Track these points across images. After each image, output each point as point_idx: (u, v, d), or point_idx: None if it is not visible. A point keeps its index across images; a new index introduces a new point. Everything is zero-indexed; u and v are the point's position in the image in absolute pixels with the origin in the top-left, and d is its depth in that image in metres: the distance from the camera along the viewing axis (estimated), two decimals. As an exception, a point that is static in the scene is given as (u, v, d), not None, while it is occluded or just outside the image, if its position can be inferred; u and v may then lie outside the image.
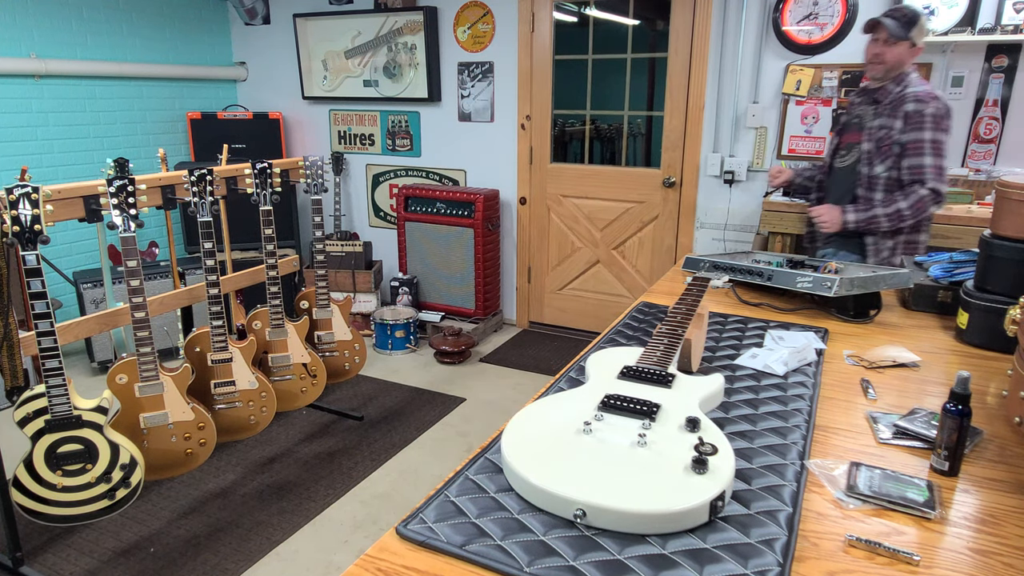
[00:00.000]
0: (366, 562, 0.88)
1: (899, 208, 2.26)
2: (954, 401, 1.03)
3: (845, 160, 2.43)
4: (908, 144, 2.24)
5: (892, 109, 2.27)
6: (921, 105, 2.22)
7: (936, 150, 2.23)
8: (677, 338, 1.34)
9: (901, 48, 2.23)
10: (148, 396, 2.31)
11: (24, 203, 1.97)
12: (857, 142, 2.38)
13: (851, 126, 2.43)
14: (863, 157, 2.35)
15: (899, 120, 2.25)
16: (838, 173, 2.47)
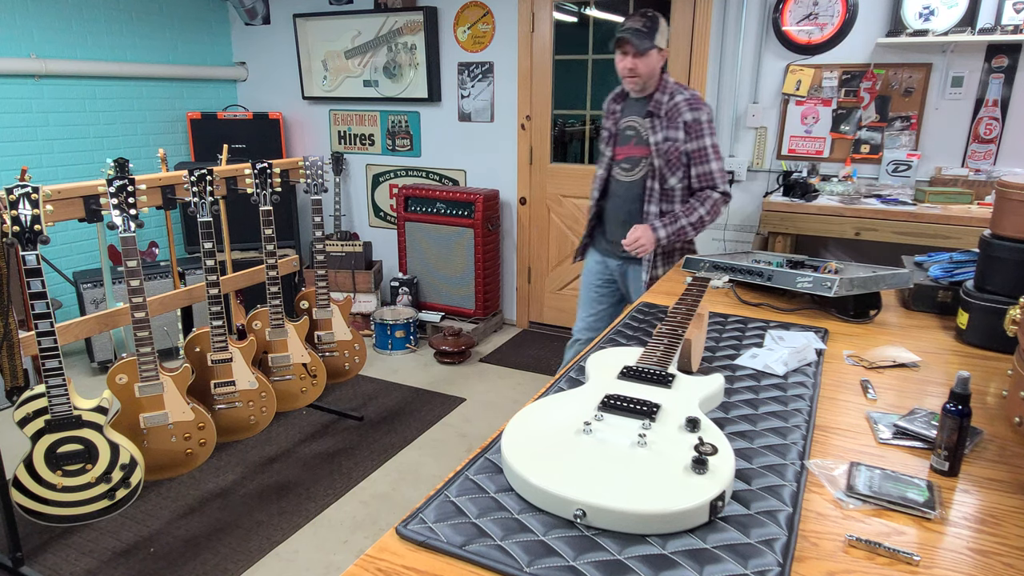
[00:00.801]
0: (366, 562, 0.88)
1: (700, 216, 2.30)
2: (954, 401, 1.03)
3: (631, 174, 2.38)
4: (694, 152, 2.28)
5: (670, 120, 2.27)
6: (697, 113, 2.25)
7: (717, 154, 2.29)
8: (677, 338, 1.34)
9: (651, 57, 2.22)
10: (148, 396, 2.31)
11: (24, 203, 1.97)
12: (643, 156, 2.34)
13: (626, 138, 2.38)
14: (655, 173, 2.32)
15: (680, 131, 2.26)
16: (621, 187, 2.42)
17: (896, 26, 3.10)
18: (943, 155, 3.21)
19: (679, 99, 2.26)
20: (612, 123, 2.43)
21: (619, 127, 2.39)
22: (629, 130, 2.36)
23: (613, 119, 2.43)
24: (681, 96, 2.26)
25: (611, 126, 2.43)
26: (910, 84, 3.19)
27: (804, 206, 2.98)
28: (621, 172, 2.40)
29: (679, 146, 2.26)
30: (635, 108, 2.36)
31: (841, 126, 3.35)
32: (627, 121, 2.37)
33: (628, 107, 2.39)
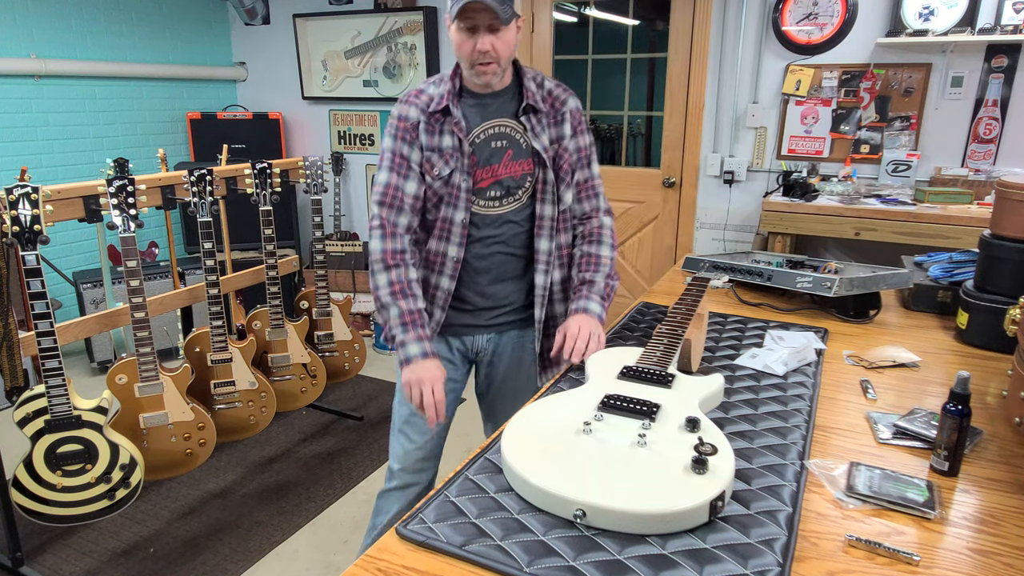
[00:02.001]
0: (366, 562, 0.88)
1: (611, 257, 1.68)
2: (954, 401, 1.03)
3: (507, 204, 1.60)
4: (579, 152, 1.62)
5: (554, 112, 1.58)
6: (575, 98, 1.62)
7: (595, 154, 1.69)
8: (677, 338, 1.34)
9: (512, 31, 1.47)
10: (148, 396, 2.31)
11: (24, 203, 1.97)
12: (528, 172, 1.58)
13: (494, 153, 1.55)
14: (547, 191, 1.59)
15: (566, 124, 1.59)
16: (491, 226, 1.61)
17: (896, 26, 3.10)
18: (943, 155, 3.21)
19: (549, 83, 1.60)
20: (454, 140, 1.52)
21: (474, 141, 1.54)
22: (497, 140, 1.55)
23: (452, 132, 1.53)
24: (546, 79, 1.61)
25: (450, 145, 1.53)
26: (910, 84, 3.19)
27: (804, 206, 2.98)
28: (489, 204, 1.58)
29: (568, 145, 1.59)
30: (492, 109, 1.55)
31: (841, 126, 3.35)
32: (487, 129, 1.55)
33: (473, 110, 1.55)
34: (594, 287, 1.64)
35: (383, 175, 1.54)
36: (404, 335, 1.49)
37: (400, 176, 1.53)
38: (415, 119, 1.52)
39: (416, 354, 1.48)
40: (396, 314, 1.50)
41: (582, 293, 1.63)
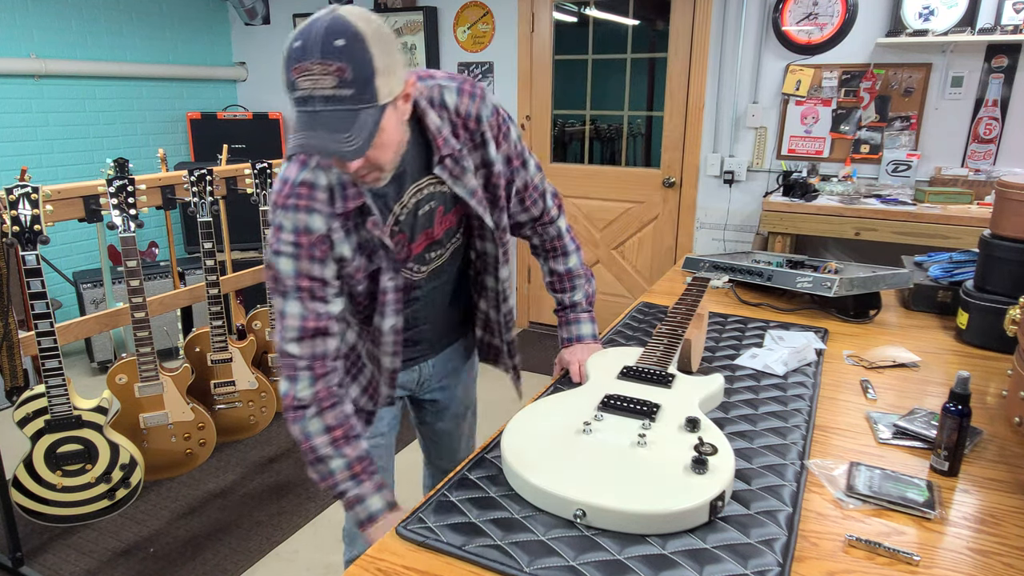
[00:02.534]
0: (366, 562, 0.88)
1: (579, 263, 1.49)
2: (954, 401, 1.03)
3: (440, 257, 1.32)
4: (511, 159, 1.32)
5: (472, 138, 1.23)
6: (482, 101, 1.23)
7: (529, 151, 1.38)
8: (677, 338, 1.34)
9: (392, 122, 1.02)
10: (148, 396, 2.31)
11: (24, 203, 1.97)
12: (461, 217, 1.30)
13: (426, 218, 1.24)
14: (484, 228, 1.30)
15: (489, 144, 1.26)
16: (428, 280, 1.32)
17: (896, 26, 3.10)
18: (943, 155, 3.21)
19: (451, 98, 1.19)
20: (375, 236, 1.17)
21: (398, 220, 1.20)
22: (424, 204, 1.22)
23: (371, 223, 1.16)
24: (446, 93, 1.19)
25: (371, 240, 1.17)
26: (910, 84, 3.19)
27: (804, 206, 2.98)
28: (422, 269, 1.30)
29: (498, 165, 1.27)
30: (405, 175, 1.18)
31: (841, 126, 3.35)
32: (407, 202, 1.20)
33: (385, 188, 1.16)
34: (577, 308, 1.47)
35: (291, 306, 1.13)
36: (359, 488, 1.15)
37: (316, 301, 1.14)
38: (321, 229, 1.12)
39: (379, 509, 1.15)
40: (342, 465, 1.15)
41: (568, 317, 1.47)
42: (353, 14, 0.95)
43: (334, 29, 0.92)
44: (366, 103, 0.95)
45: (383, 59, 0.95)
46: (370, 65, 0.94)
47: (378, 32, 0.96)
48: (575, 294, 1.47)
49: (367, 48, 0.93)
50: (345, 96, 0.93)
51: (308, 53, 0.92)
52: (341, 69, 0.92)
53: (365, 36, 0.93)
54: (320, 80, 0.92)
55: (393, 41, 0.99)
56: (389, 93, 0.98)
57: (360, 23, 0.94)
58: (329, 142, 0.94)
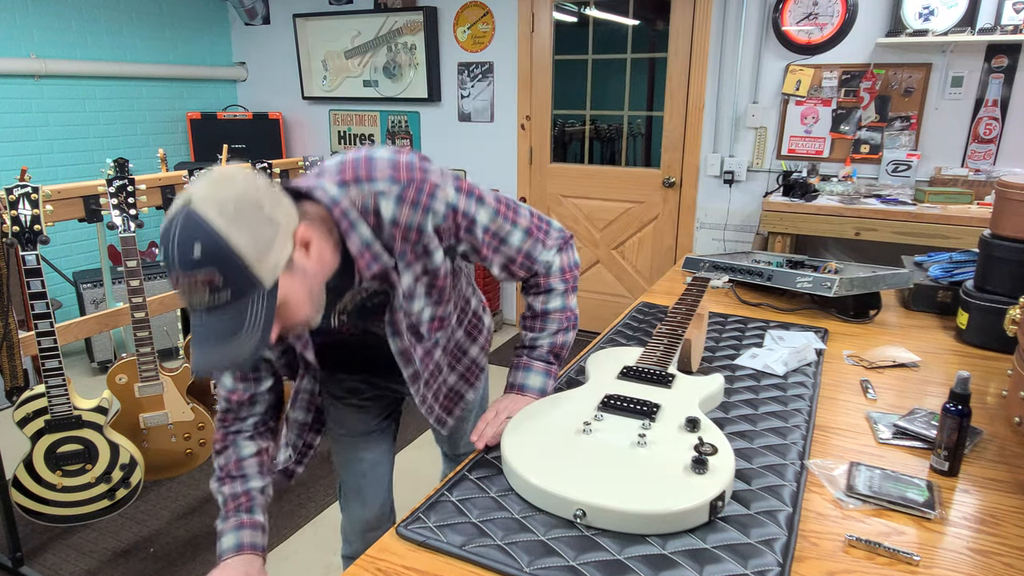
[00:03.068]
0: (366, 562, 0.88)
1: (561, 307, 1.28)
2: (954, 401, 1.03)
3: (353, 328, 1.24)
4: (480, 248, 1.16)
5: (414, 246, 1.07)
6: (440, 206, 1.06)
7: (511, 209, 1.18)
8: (677, 338, 1.34)
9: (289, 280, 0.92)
10: (148, 396, 2.31)
11: (24, 203, 1.97)
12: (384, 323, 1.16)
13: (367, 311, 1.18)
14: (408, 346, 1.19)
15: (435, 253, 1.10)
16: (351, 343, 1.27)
17: (896, 26, 3.10)
18: (943, 155, 3.21)
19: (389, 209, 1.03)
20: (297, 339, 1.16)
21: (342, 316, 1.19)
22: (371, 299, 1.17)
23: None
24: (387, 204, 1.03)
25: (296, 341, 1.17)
26: (910, 84, 3.19)
27: (804, 206, 2.98)
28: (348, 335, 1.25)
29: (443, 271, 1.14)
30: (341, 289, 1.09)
31: (841, 126, 3.35)
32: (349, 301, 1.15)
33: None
34: (535, 351, 1.27)
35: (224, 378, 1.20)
36: (221, 523, 1.21)
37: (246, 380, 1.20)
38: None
39: (228, 548, 1.17)
40: (220, 501, 1.22)
41: (521, 361, 1.28)
42: (207, 201, 0.85)
43: (188, 234, 0.84)
44: (250, 295, 0.87)
45: (253, 244, 0.86)
46: (239, 260, 0.85)
47: (238, 214, 0.85)
48: (541, 336, 1.27)
49: (228, 244, 0.84)
50: (224, 301, 0.86)
51: (172, 267, 0.85)
52: (208, 278, 0.84)
53: (221, 232, 0.84)
54: (193, 293, 0.86)
55: (262, 207, 0.88)
56: (275, 268, 0.89)
57: (213, 215, 0.84)
58: (223, 356, 0.87)
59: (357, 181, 1.03)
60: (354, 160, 1.05)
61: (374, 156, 1.05)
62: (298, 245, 0.93)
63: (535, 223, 1.22)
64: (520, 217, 1.20)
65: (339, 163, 1.06)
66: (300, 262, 0.93)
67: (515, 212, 1.19)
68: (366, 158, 1.05)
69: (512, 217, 1.18)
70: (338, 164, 1.05)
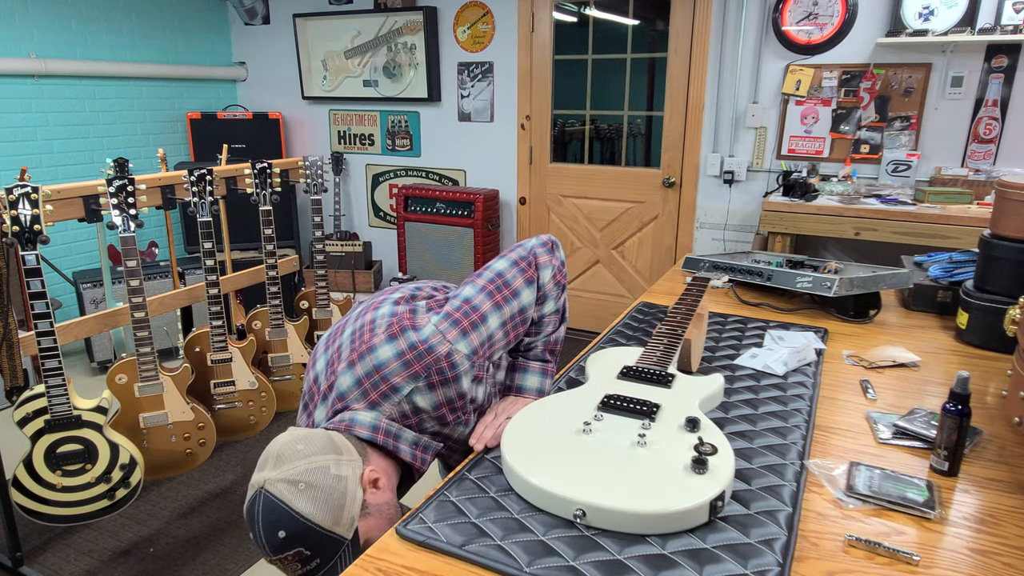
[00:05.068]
0: (366, 562, 0.88)
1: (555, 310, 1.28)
2: (954, 401, 1.03)
3: None
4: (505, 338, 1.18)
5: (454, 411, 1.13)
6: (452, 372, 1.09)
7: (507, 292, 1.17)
8: (677, 338, 1.34)
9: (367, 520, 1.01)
10: (148, 396, 2.31)
11: (24, 203, 1.97)
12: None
13: None
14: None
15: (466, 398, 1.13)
16: None
17: (896, 26, 3.10)
18: (943, 155, 3.21)
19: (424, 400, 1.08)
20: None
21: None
22: None
23: None
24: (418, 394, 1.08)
25: None
26: (910, 84, 3.19)
27: (804, 206, 2.98)
28: None
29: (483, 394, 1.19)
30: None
31: (841, 126, 3.35)
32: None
33: None
34: (531, 353, 1.30)
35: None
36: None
37: None
38: None
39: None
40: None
41: (518, 363, 1.30)
42: (278, 484, 0.95)
43: (270, 521, 0.93)
44: (337, 552, 0.97)
45: (329, 513, 0.95)
46: (320, 530, 0.95)
47: (310, 489, 0.95)
48: (536, 339, 1.29)
49: (309, 521, 0.94)
50: (316, 567, 0.96)
51: (266, 552, 0.95)
52: (299, 554, 0.94)
53: (300, 512, 0.94)
54: (289, 569, 0.96)
55: (327, 473, 0.97)
56: (352, 523, 0.98)
57: (288, 496, 0.94)
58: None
59: (385, 397, 1.08)
60: (368, 377, 1.08)
61: (382, 363, 1.08)
62: (367, 489, 1.01)
63: (524, 269, 1.21)
64: (513, 282, 1.19)
65: (357, 383, 1.09)
66: (373, 501, 1.02)
67: (508, 285, 1.18)
68: (377, 369, 1.08)
69: (509, 293, 1.18)
70: (356, 386, 1.09)
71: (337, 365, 1.12)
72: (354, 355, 1.10)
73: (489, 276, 1.19)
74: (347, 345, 1.13)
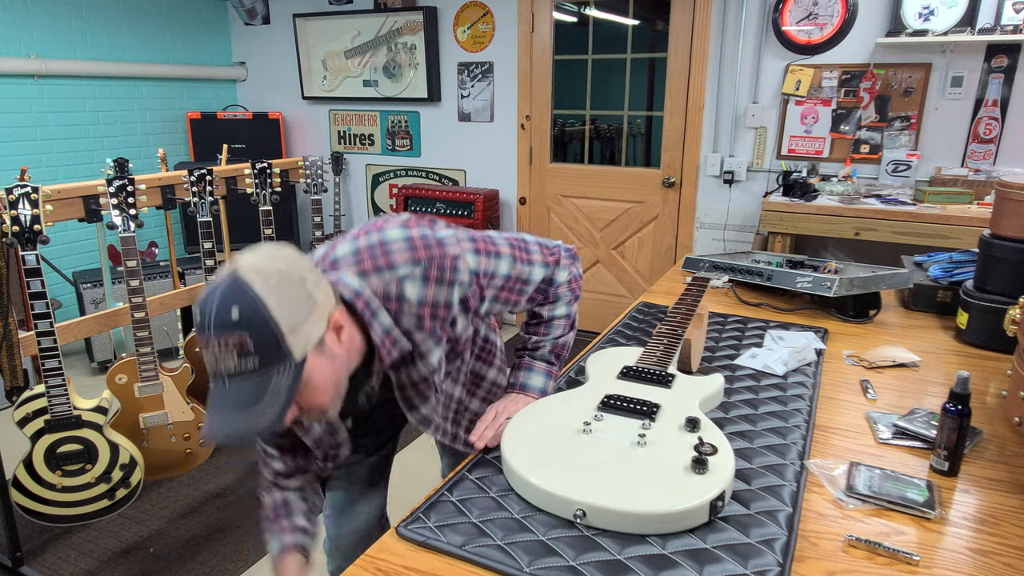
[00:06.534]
0: (366, 562, 0.88)
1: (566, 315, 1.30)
2: (954, 401, 1.03)
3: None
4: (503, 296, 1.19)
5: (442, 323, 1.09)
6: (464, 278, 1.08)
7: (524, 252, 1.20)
8: (677, 338, 1.34)
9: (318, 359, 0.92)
10: (148, 396, 2.31)
11: (24, 203, 1.97)
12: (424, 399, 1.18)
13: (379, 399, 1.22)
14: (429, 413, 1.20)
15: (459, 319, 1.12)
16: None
17: (896, 26, 3.10)
18: (943, 155, 3.21)
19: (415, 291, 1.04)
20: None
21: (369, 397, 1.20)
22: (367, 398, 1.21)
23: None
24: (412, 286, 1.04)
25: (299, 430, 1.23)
26: (910, 84, 3.19)
27: (804, 206, 2.98)
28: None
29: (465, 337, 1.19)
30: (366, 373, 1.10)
31: (841, 126, 3.35)
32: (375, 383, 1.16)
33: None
34: (537, 352, 1.31)
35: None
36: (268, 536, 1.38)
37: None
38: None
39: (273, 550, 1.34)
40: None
41: (523, 362, 1.32)
42: (252, 269, 0.88)
43: (229, 297, 0.86)
44: (277, 366, 0.87)
45: (290, 315, 0.87)
46: (274, 328, 0.86)
47: (280, 285, 0.88)
48: (544, 340, 1.31)
49: (267, 311, 0.86)
50: (250, 368, 0.86)
51: (205, 328, 0.86)
52: (240, 341, 0.85)
53: (262, 298, 0.86)
54: (222, 357, 0.86)
55: (303, 284, 0.91)
56: (305, 344, 0.89)
57: (258, 282, 0.87)
58: (236, 422, 0.85)
59: (378, 270, 1.03)
60: (369, 248, 1.05)
61: (388, 240, 1.05)
62: (331, 328, 0.94)
63: (545, 253, 1.24)
64: (533, 254, 1.22)
65: (354, 252, 1.05)
66: (331, 345, 0.94)
67: (528, 252, 1.21)
68: (380, 243, 1.05)
69: (527, 258, 1.20)
70: (354, 254, 1.05)
71: (339, 244, 1.08)
72: (360, 232, 1.08)
73: (515, 236, 1.22)
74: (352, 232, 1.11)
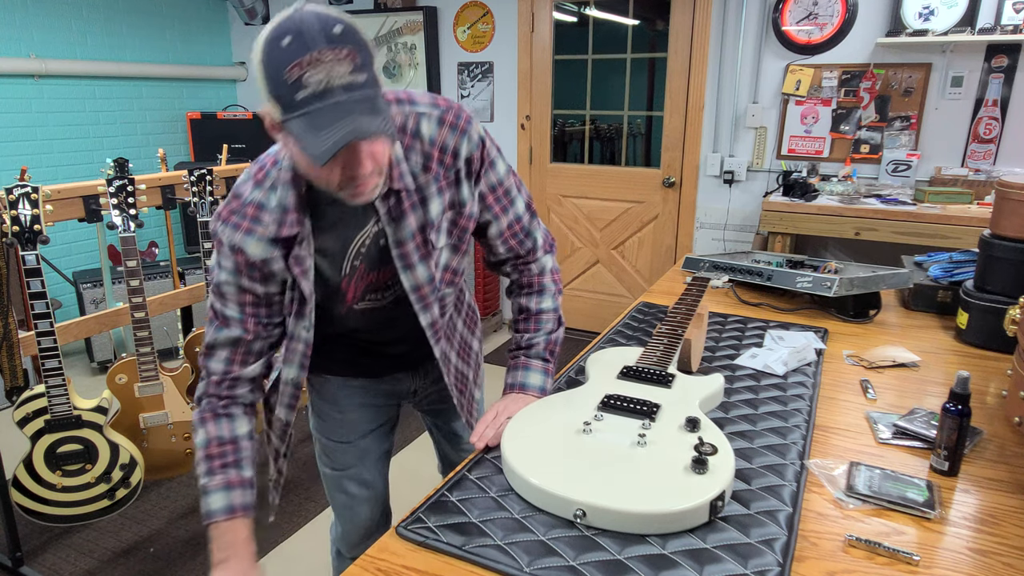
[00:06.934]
0: (366, 562, 0.88)
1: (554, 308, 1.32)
2: (954, 401, 1.03)
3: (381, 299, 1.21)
4: (488, 194, 1.19)
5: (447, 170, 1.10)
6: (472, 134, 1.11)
7: (518, 180, 1.25)
8: (677, 338, 1.34)
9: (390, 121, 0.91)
10: (148, 396, 2.31)
11: (24, 203, 1.97)
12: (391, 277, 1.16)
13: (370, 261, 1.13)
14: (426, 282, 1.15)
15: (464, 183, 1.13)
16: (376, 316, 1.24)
17: (896, 26, 3.10)
18: (943, 155, 3.21)
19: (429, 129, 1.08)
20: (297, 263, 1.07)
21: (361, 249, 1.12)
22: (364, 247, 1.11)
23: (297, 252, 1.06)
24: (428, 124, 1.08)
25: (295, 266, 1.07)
26: (910, 84, 3.19)
27: (804, 206, 2.98)
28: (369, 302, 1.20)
29: (471, 207, 1.16)
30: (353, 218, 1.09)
31: (841, 126, 3.35)
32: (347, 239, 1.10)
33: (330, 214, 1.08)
34: (532, 351, 1.29)
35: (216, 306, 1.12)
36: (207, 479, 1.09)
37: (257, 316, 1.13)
38: (258, 256, 1.05)
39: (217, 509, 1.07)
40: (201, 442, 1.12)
41: (519, 361, 1.29)
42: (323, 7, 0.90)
43: (325, 18, 0.86)
44: (378, 88, 0.89)
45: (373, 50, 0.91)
46: (370, 49, 0.89)
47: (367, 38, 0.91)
48: (536, 336, 1.29)
49: (360, 32, 0.88)
50: (363, 81, 0.87)
51: (311, 44, 0.84)
52: (352, 53, 0.86)
53: (354, 23, 0.88)
54: (335, 68, 0.84)
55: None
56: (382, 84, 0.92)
57: (337, 12, 0.90)
58: (371, 125, 0.85)
59: (399, 102, 1.08)
60: (394, 90, 1.09)
61: (413, 91, 1.12)
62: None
63: (533, 206, 1.29)
64: (523, 191, 1.26)
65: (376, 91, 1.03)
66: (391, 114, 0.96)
67: (519, 186, 1.26)
68: (405, 91, 1.11)
69: (518, 185, 1.25)
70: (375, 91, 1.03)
71: None
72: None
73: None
74: None
